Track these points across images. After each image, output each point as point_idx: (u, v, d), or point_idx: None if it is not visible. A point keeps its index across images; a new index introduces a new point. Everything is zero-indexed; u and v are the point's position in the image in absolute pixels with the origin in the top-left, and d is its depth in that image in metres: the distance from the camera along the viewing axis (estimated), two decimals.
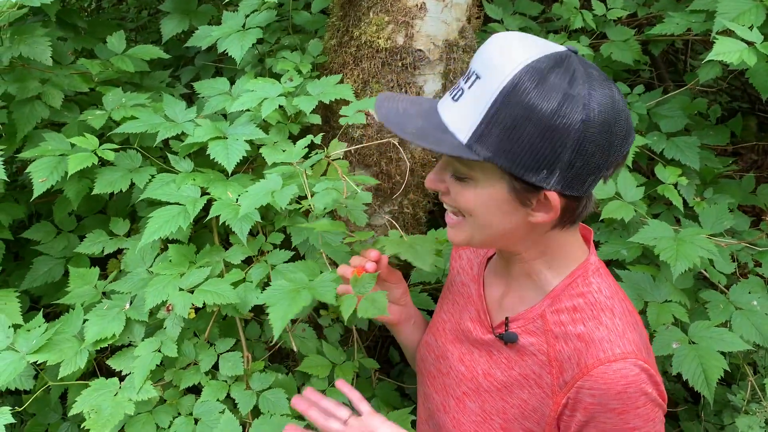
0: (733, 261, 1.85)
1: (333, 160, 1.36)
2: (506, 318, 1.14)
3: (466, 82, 0.97)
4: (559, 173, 0.93)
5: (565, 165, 0.93)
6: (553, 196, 0.96)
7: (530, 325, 1.10)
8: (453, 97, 0.99)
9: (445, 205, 1.09)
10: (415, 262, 1.20)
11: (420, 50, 1.74)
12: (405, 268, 1.78)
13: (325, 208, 1.40)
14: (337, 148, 1.39)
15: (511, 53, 0.92)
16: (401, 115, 1.03)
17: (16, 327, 1.50)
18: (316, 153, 1.43)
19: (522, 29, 2.23)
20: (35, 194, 1.53)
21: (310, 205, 1.37)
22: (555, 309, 1.08)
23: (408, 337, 1.42)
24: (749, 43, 1.61)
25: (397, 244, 1.24)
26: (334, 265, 1.51)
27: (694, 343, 1.58)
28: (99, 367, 1.64)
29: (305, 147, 1.48)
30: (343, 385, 1.30)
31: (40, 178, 1.53)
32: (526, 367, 1.09)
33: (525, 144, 0.92)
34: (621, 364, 0.96)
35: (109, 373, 1.49)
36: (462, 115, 0.96)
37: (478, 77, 0.94)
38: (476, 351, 1.20)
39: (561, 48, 0.94)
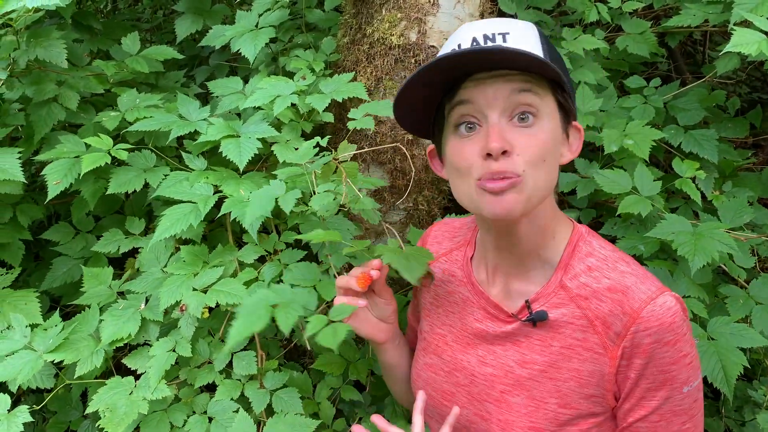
0: (753, 255, 1.82)
1: (341, 163, 1.35)
2: (526, 301, 1.13)
3: (494, 42, 1.03)
4: (572, 100, 1.09)
5: (571, 91, 1.09)
6: (579, 126, 1.10)
7: (554, 299, 1.11)
8: (504, 38, 1.04)
9: (505, 173, 1.00)
10: (404, 273, 1.16)
11: (433, 46, 1.74)
12: (398, 285, 1.78)
13: (327, 211, 1.39)
14: (347, 150, 1.38)
15: (514, 20, 1.08)
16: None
17: (33, 326, 1.52)
18: (325, 155, 1.43)
19: (536, 23, 2.21)
20: (49, 196, 1.55)
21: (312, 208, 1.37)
22: (571, 275, 1.10)
23: (392, 356, 1.36)
24: (767, 34, 1.58)
25: (393, 253, 1.22)
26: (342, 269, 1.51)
27: (713, 339, 1.55)
28: (117, 365, 1.66)
29: (315, 147, 1.47)
30: (381, 422, 1.17)
31: (54, 181, 1.54)
32: (565, 337, 1.09)
33: (566, 73, 1.06)
34: (662, 299, 1.02)
35: (126, 371, 1.51)
36: (524, 47, 1.02)
37: (506, 33, 1.03)
38: (498, 347, 1.17)
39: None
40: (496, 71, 1.01)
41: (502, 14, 2.20)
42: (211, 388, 1.52)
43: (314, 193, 1.38)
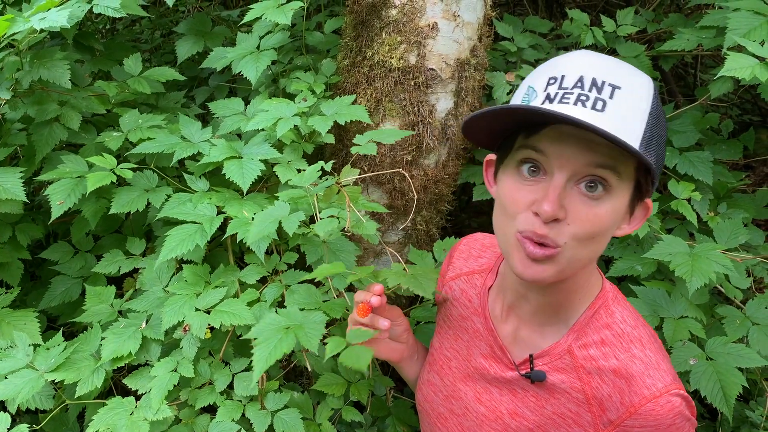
0: (749, 276, 1.84)
1: (344, 187, 1.37)
2: (530, 355, 1.09)
3: (598, 93, 0.89)
4: (654, 180, 0.97)
5: (660, 169, 0.98)
6: (650, 203, 1.00)
7: (558, 362, 1.07)
8: (595, 108, 0.89)
9: (545, 239, 0.93)
10: (417, 290, 1.16)
11: (432, 69, 1.76)
12: (405, 304, 1.78)
13: (330, 234, 1.40)
14: (350, 174, 1.39)
15: (634, 71, 0.94)
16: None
17: (35, 346, 1.51)
18: (327, 178, 1.44)
19: (532, 47, 2.25)
20: (53, 216, 1.55)
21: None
22: (582, 344, 1.05)
23: (412, 371, 1.38)
24: (760, 59, 1.62)
25: (399, 275, 1.21)
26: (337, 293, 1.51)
27: (711, 359, 1.57)
28: (116, 386, 1.65)
29: (318, 170, 1.49)
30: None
31: (58, 201, 1.55)
32: (560, 405, 1.07)
33: (662, 152, 0.96)
34: (666, 398, 0.98)
35: (126, 392, 1.50)
36: (623, 125, 0.88)
37: (616, 87, 0.89)
38: (495, 390, 1.16)
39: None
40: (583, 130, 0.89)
41: (498, 38, 2.23)
42: (211, 410, 1.51)
43: (317, 215, 1.39)
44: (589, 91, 0.89)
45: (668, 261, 1.64)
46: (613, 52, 2.29)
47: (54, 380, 1.44)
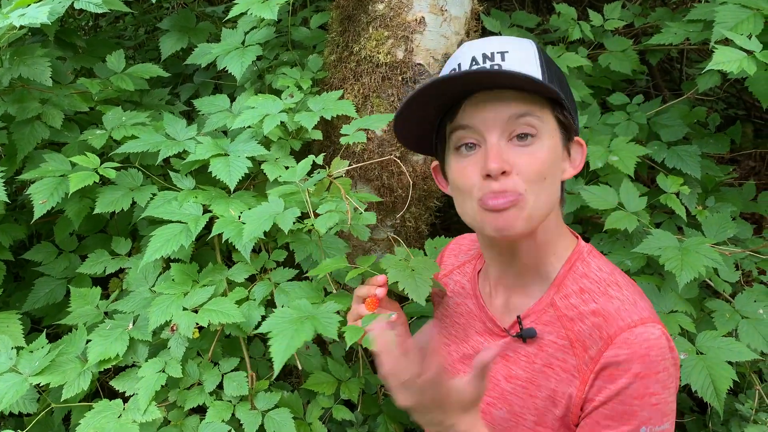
0: (737, 269, 1.84)
1: (335, 179, 1.35)
2: (518, 317, 1.14)
3: (492, 60, 1.04)
4: (573, 115, 1.08)
5: (574, 106, 1.09)
6: (582, 141, 1.10)
7: (543, 316, 1.11)
8: (491, 69, 1.03)
9: (505, 194, 1.01)
10: (412, 294, 1.20)
11: (420, 64, 1.75)
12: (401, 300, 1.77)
13: (331, 228, 1.39)
14: (340, 166, 1.38)
15: (513, 38, 1.09)
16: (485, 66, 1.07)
17: (18, 349, 1.48)
18: (318, 172, 1.43)
19: None
20: (36, 216, 1.52)
21: (312, 225, 1.36)
22: (563, 295, 1.10)
23: None
24: (748, 52, 1.62)
25: (399, 270, 1.23)
26: (338, 284, 1.50)
27: (701, 353, 1.57)
28: (102, 388, 1.63)
29: (309, 165, 1.47)
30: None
31: (41, 200, 1.52)
32: (548, 356, 1.10)
33: (568, 92, 1.08)
34: (642, 329, 1.00)
35: (112, 394, 1.48)
36: (521, 68, 1.01)
37: (504, 52, 1.04)
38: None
39: None
40: (494, 91, 1.02)
41: (486, 33, 2.22)
42: (201, 410, 1.50)
43: (310, 210, 1.37)
44: (484, 63, 1.04)
45: (658, 255, 1.64)
46: (600, 47, 2.29)
47: (39, 383, 1.42)
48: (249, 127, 1.71)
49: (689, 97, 2.17)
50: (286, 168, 1.60)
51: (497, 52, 1.04)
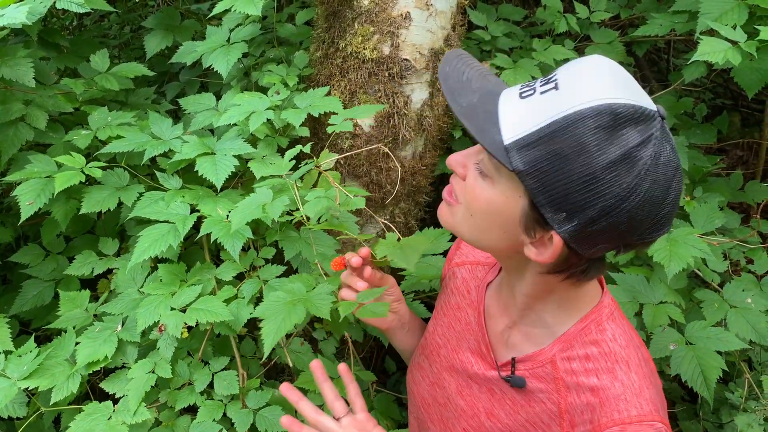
0: (726, 259, 1.85)
1: (324, 171, 1.35)
2: (513, 359, 1.08)
3: (542, 86, 0.88)
4: (576, 224, 0.86)
5: (587, 220, 0.86)
6: (558, 241, 0.89)
7: (539, 370, 1.05)
8: (521, 94, 0.90)
9: (451, 187, 1.04)
10: (400, 262, 1.17)
11: (406, 60, 1.74)
12: (399, 279, 1.77)
13: (318, 219, 1.39)
14: (328, 157, 1.38)
15: (602, 81, 0.84)
16: (463, 83, 0.95)
17: (6, 353, 1.47)
18: (306, 163, 1.42)
19: (506, 35, 2.24)
20: (23, 218, 1.51)
21: (302, 216, 1.36)
22: (566, 356, 1.03)
23: (402, 341, 1.40)
24: (733, 43, 1.62)
25: (389, 245, 1.22)
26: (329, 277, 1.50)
27: (691, 343, 1.58)
28: (92, 390, 1.62)
29: (293, 158, 1.47)
30: (345, 372, 1.22)
31: (27, 201, 1.51)
32: (533, 414, 1.05)
33: (562, 178, 0.84)
34: (635, 428, 0.92)
35: (103, 396, 1.47)
36: (519, 117, 0.88)
37: (556, 87, 0.86)
38: (475, 386, 1.15)
39: (652, 106, 0.85)
40: None
41: (472, 26, 2.22)
42: (192, 410, 1.49)
43: (298, 201, 1.37)
44: (543, 83, 0.89)
45: None
46: (587, 39, 2.29)
47: (28, 387, 1.41)
48: (235, 125, 1.70)
49: (676, 88, 2.18)
50: (273, 165, 1.60)
51: (554, 82, 0.88)
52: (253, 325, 1.53)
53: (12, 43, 1.97)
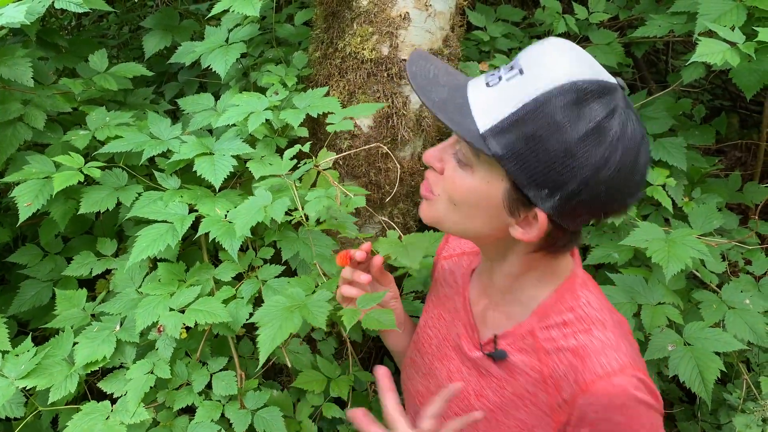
0: (724, 260, 1.85)
1: (323, 170, 1.35)
2: (494, 335, 1.11)
3: (507, 73, 0.92)
4: (558, 199, 0.90)
5: (566, 195, 0.90)
6: (543, 218, 0.93)
7: (520, 342, 1.07)
8: (488, 83, 0.94)
9: (427, 182, 1.06)
10: (404, 260, 1.21)
11: (405, 60, 1.74)
12: (398, 279, 1.77)
13: (318, 219, 1.39)
14: (326, 156, 1.38)
15: (562, 62, 0.89)
16: (430, 79, 0.99)
17: (4, 353, 1.47)
18: (305, 163, 1.42)
19: (505, 36, 2.24)
20: (21, 219, 1.51)
21: (301, 216, 1.36)
22: (544, 325, 1.05)
23: (396, 342, 1.40)
24: (731, 44, 1.62)
25: (391, 244, 1.24)
26: (328, 278, 1.50)
27: (689, 344, 1.58)
28: (90, 390, 1.62)
29: (293, 158, 1.47)
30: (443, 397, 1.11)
31: (26, 202, 1.50)
32: (518, 386, 1.07)
33: (539, 157, 0.89)
34: (620, 378, 0.95)
35: (101, 396, 1.47)
36: (490, 105, 0.92)
37: (521, 72, 0.90)
38: (465, 369, 1.17)
39: (611, 78, 0.90)
40: None
41: (471, 27, 2.22)
42: (190, 411, 1.49)
43: (297, 201, 1.37)
44: (507, 71, 0.93)
45: (645, 247, 1.65)
46: (585, 40, 2.29)
47: (26, 387, 1.40)
48: (234, 125, 1.70)
49: (675, 89, 2.18)
50: (272, 165, 1.59)
51: (519, 68, 0.91)
52: (251, 325, 1.53)
53: (10, 42, 1.97)
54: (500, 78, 0.93)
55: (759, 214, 2.12)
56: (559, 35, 2.22)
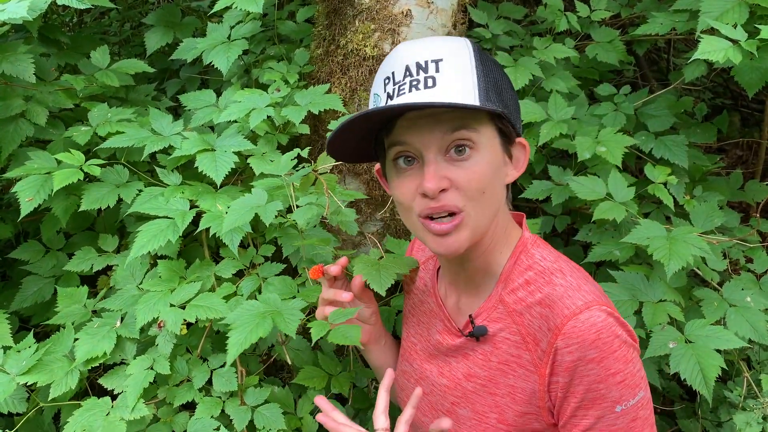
0: (725, 258, 1.85)
1: (321, 174, 1.35)
2: (470, 316, 1.14)
3: (424, 72, 1.01)
4: (519, 122, 1.09)
5: (517, 111, 1.09)
6: (524, 141, 1.10)
7: (493, 313, 1.12)
8: (426, 86, 1.00)
9: (446, 206, 1.02)
10: (373, 284, 1.23)
11: None
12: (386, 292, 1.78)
13: (308, 223, 1.39)
14: (326, 161, 1.38)
15: (443, 38, 1.08)
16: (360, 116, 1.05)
17: (5, 348, 1.47)
18: (304, 166, 1.42)
19: (507, 33, 2.24)
20: (22, 214, 1.51)
21: (293, 220, 1.36)
22: (510, 289, 1.10)
23: (378, 358, 1.40)
24: (734, 41, 1.62)
25: (366, 264, 1.26)
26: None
27: (690, 342, 1.57)
28: (92, 386, 1.62)
29: (293, 159, 1.47)
30: (415, 396, 1.15)
31: (27, 198, 1.51)
32: (502, 353, 1.10)
33: (507, 95, 1.06)
34: (587, 314, 0.99)
35: (103, 392, 1.47)
36: (455, 90, 1.00)
37: (438, 60, 1.01)
38: (452, 360, 1.20)
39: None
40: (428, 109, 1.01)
41: (472, 24, 2.22)
42: (190, 407, 1.49)
43: (294, 205, 1.37)
44: (417, 74, 1.01)
45: (646, 245, 1.64)
46: (587, 38, 2.28)
47: (27, 383, 1.41)
48: (235, 121, 1.70)
49: (676, 87, 2.18)
50: (273, 162, 1.60)
51: (431, 61, 1.01)
52: None
53: (13, 39, 1.97)
54: (433, 78, 1.01)
55: (760, 212, 2.11)
56: (561, 33, 2.22)
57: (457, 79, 1.00)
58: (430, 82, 1.00)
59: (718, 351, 1.55)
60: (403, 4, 1.71)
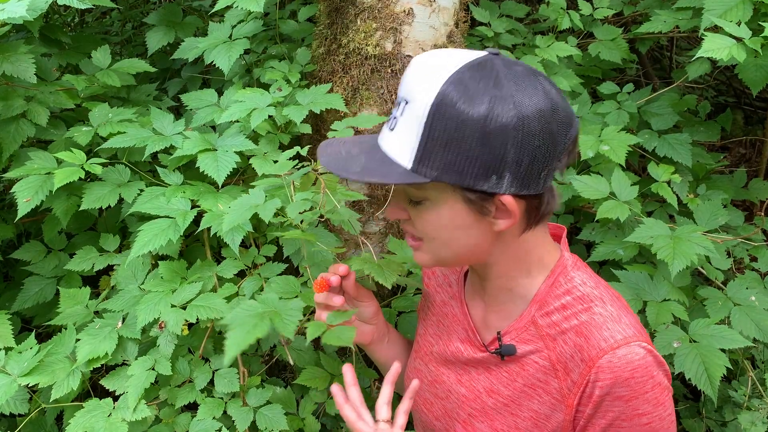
0: (729, 257, 1.84)
1: (321, 174, 1.34)
2: (498, 333, 1.10)
3: (398, 110, 0.96)
4: (509, 175, 0.91)
5: (513, 165, 0.91)
6: (508, 200, 0.93)
7: (524, 334, 1.07)
8: (390, 128, 0.98)
9: (407, 233, 1.08)
10: (378, 277, 1.23)
11: (409, 56, 1.73)
12: (388, 294, 1.77)
13: (302, 221, 1.38)
14: None
15: (430, 71, 0.92)
16: (344, 158, 1.01)
17: (7, 350, 1.47)
18: (303, 166, 1.42)
19: (509, 32, 2.23)
20: (20, 214, 1.51)
21: (291, 219, 1.36)
22: (544, 312, 1.06)
23: (384, 355, 1.38)
24: (738, 39, 1.61)
25: (364, 262, 1.26)
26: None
27: (695, 341, 1.57)
28: (94, 387, 1.62)
29: (293, 158, 1.46)
30: (412, 388, 1.15)
31: (25, 198, 1.50)
32: (529, 376, 1.07)
33: (466, 154, 0.90)
34: (625, 349, 0.95)
35: (104, 393, 1.47)
36: (401, 142, 0.95)
37: (407, 102, 0.94)
38: (473, 370, 1.17)
39: (480, 53, 0.94)
40: None
41: (475, 23, 2.21)
42: (192, 408, 1.49)
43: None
44: (395, 110, 0.97)
45: (650, 244, 1.64)
46: (590, 36, 2.28)
47: (29, 384, 1.40)
48: (237, 121, 1.70)
49: (679, 85, 2.17)
50: (276, 162, 1.59)
51: (404, 100, 0.95)
52: None
53: (14, 39, 1.97)
54: (396, 118, 0.96)
55: (764, 211, 2.10)
56: (563, 31, 2.22)
57: (405, 132, 0.94)
58: (393, 124, 0.97)
59: (723, 350, 1.54)
60: (405, 3, 1.71)
